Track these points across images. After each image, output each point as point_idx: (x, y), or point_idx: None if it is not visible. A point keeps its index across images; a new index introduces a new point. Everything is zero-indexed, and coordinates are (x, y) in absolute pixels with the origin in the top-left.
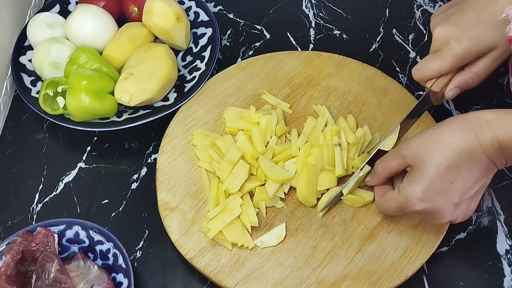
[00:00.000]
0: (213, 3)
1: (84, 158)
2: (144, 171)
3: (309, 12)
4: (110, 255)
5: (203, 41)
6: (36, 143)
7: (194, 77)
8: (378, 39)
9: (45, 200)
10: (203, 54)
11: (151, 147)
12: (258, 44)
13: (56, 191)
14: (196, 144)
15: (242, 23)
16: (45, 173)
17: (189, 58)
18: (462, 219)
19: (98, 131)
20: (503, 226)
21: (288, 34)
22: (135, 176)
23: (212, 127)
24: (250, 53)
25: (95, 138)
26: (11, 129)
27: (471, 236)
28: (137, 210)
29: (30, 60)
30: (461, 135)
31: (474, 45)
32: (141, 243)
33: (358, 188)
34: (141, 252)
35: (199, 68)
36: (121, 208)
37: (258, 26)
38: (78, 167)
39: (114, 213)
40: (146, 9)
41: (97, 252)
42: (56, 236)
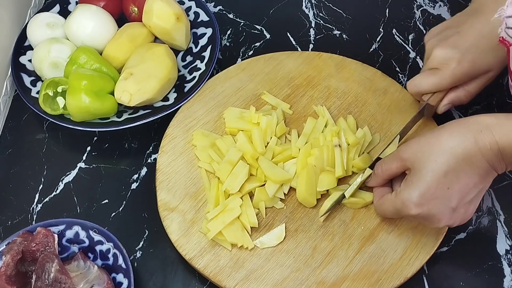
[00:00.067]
0: (213, 3)
1: (84, 158)
2: (144, 171)
3: (309, 12)
4: (110, 255)
5: (203, 41)
6: (36, 143)
7: (194, 77)
8: (378, 39)
9: (45, 200)
10: (203, 54)
11: (151, 147)
12: (258, 44)
13: (56, 191)
14: (196, 144)
15: (242, 23)
16: (45, 173)
17: (189, 58)
18: (460, 223)
19: (98, 131)
20: (503, 226)
21: (288, 34)
22: (135, 176)
23: (212, 128)
24: (250, 53)
25: (95, 138)
26: (11, 129)
27: (471, 236)
28: (137, 210)
29: (30, 60)
30: (460, 139)
31: (472, 68)
32: (141, 243)
33: (357, 189)
34: (141, 252)
35: (199, 68)
36: (121, 208)
37: (258, 26)
38: (78, 167)
39: (114, 213)
40: (146, 9)
41: (97, 252)
42: (56, 236)
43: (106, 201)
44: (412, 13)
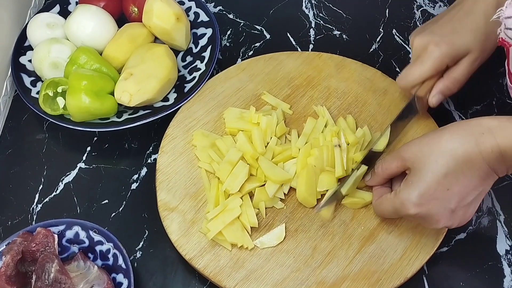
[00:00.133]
0: (213, 3)
1: (84, 158)
2: (144, 171)
3: (309, 12)
4: (110, 256)
5: (203, 42)
6: (36, 143)
7: (194, 77)
8: (378, 39)
9: (45, 200)
10: (203, 54)
11: (151, 148)
12: (258, 44)
13: (56, 191)
14: (196, 145)
15: (242, 24)
16: (45, 173)
17: (189, 58)
18: (459, 224)
19: (98, 131)
20: (503, 226)
21: (288, 34)
22: (135, 177)
23: (212, 128)
24: (250, 54)
25: (95, 138)
26: (11, 129)
27: (471, 237)
28: (137, 211)
29: (30, 61)
30: (461, 141)
31: (451, 49)
32: (141, 243)
33: (357, 189)
34: (141, 253)
35: (199, 69)
36: (121, 209)
37: (258, 27)
38: (78, 167)
39: (114, 214)
40: (146, 10)
41: (97, 253)
42: (56, 236)
43: (106, 201)
44: (412, 13)
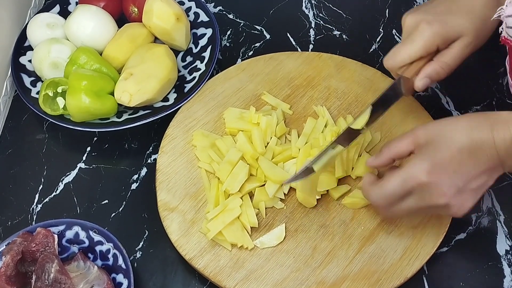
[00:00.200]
0: (213, 3)
1: (84, 158)
2: (144, 171)
3: (309, 12)
4: (110, 256)
5: (203, 42)
6: (36, 143)
7: (194, 77)
8: (378, 39)
9: (45, 200)
10: (203, 54)
11: (151, 148)
12: (258, 44)
13: (56, 192)
14: (196, 145)
15: (242, 24)
16: (45, 173)
17: (189, 58)
18: (457, 212)
19: (98, 131)
20: (503, 226)
21: (288, 34)
22: (135, 177)
23: (212, 128)
24: (250, 54)
25: (95, 139)
26: (11, 129)
27: (471, 237)
28: (137, 211)
29: (30, 61)
30: (478, 125)
31: (443, 29)
32: (141, 243)
33: (357, 189)
34: (141, 253)
35: (199, 69)
36: (121, 209)
37: (258, 27)
38: (78, 168)
39: (114, 214)
40: (146, 10)
41: (97, 253)
42: (56, 236)
43: (106, 201)
44: None
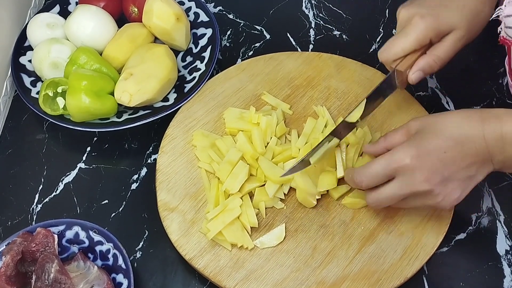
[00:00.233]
0: (213, 3)
1: (84, 158)
2: (144, 171)
3: (309, 12)
4: (110, 256)
5: (203, 42)
6: (36, 143)
7: (194, 77)
8: (378, 39)
9: (45, 200)
10: (203, 54)
11: (151, 148)
12: (258, 44)
13: (56, 192)
14: (196, 145)
15: (242, 24)
16: (45, 173)
17: (189, 58)
18: (441, 202)
19: (98, 131)
20: (503, 226)
21: (288, 34)
22: (135, 177)
23: (212, 128)
24: (250, 54)
25: (95, 139)
26: (11, 129)
27: (471, 237)
28: (137, 211)
29: (30, 61)
30: (468, 117)
31: (436, 22)
32: (141, 243)
33: (357, 189)
34: (141, 253)
35: (199, 69)
36: (121, 209)
37: (258, 27)
38: (78, 168)
39: (114, 214)
40: (146, 10)
41: (97, 253)
42: (56, 236)
43: (106, 201)
44: None
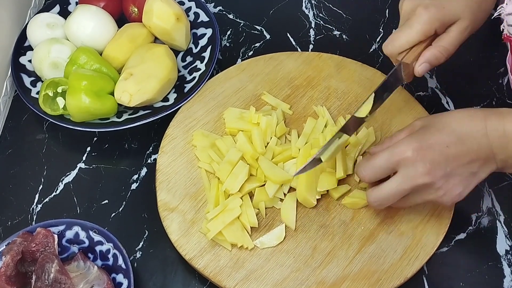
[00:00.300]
0: (213, 3)
1: (84, 158)
2: (144, 171)
3: (309, 12)
4: (110, 256)
5: (203, 42)
6: (36, 143)
7: (194, 77)
8: (378, 39)
9: (45, 200)
10: (203, 54)
11: (151, 148)
12: (258, 44)
13: (56, 192)
14: (196, 145)
15: (242, 24)
16: (45, 173)
17: (189, 58)
18: (443, 197)
19: (98, 131)
20: (503, 226)
21: (288, 34)
22: (135, 177)
23: (212, 128)
24: (250, 54)
25: (95, 139)
26: (11, 129)
27: (471, 237)
28: (137, 211)
29: (30, 61)
30: (471, 115)
31: (440, 12)
32: (141, 243)
33: (357, 189)
34: (141, 253)
35: (199, 69)
36: (121, 209)
37: (258, 27)
38: (78, 168)
39: (114, 214)
40: (146, 10)
41: (97, 253)
42: (56, 236)
43: (106, 201)
44: None
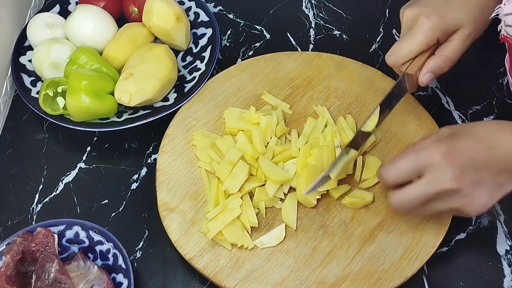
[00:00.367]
0: (213, 3)
1: (84, 158)
2: (144, 171)
3: (309, 12)
4: (110, 255)
5: (203, 42)
6: (36, 143)
7: (194, 77)
8: (378, 39)
9: (45, 200)
10: (203, 54)
11: (151, 147)
12: (258, 44)
13: (56, 191)
14: (196, 145)
15: (242, 24)
16: (45, 173)
17: (189, 58)
18: (469, 206)
19: (98, 131)
20: (503, 226)
21: (288, 34)
22: (135, 176)
23: (212, 128)
24: (250, 54)
25: (95, 138)
26: (11, 129)
27: (471, 237)
28: (137, 211)
29: (30, 61)
30: (501, 129)
31: (442, 21)
32: (141, 243)
33: (357, 189)
34: (141, 253)
35: (199, 69)
36: (121, 208)
37: (258, 27)
38: (78, 167)
39: (114, 213)
40: (146, 10)
41: (97, 252)
42: (56, 236)
43: (106, 201)
44: None
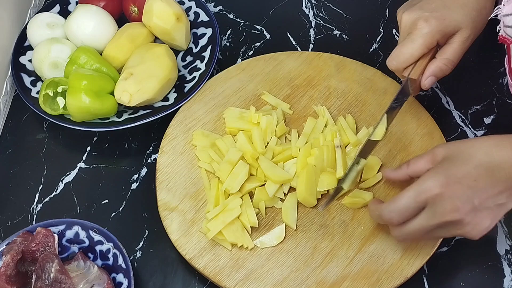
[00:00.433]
0: (213, 3)
1: (84, 158)
2: (144, 171)
3: (309, 12)
4: (110, 255)
5: (203, 41)
6: (36, 143)
7: (194, 77)
8: (378, 39)
9: (45, 200)
10: (203, 54)
11: (151, 147)
12: (258, 44)
13: (56, 191)
14: (196, 145)
15: (242, 23)
16: (45, 173)
17: (189, 58)
18: (471, 232)
19: (98, 131)
20: (503, 226)
21: (288, 34)
22: (135, 176)
23: (212, 128)
24: (250, 53)
25: (95, 138)
26: (11, 129)
27: None
28: (137, 210)
29: (30, 60)
30: (498, 144)
31: (441, 24)
32: (141, 243)
33: (357, 189)
34: (141, 252)
35: (199, 68)
36: (121, 208)
37: (258, 26)
38: (78, 167)
39: (114, 213)
40: (146, 9)
41: (97, 252)
42: (56, 236)
43: (106, 201)
44: None
